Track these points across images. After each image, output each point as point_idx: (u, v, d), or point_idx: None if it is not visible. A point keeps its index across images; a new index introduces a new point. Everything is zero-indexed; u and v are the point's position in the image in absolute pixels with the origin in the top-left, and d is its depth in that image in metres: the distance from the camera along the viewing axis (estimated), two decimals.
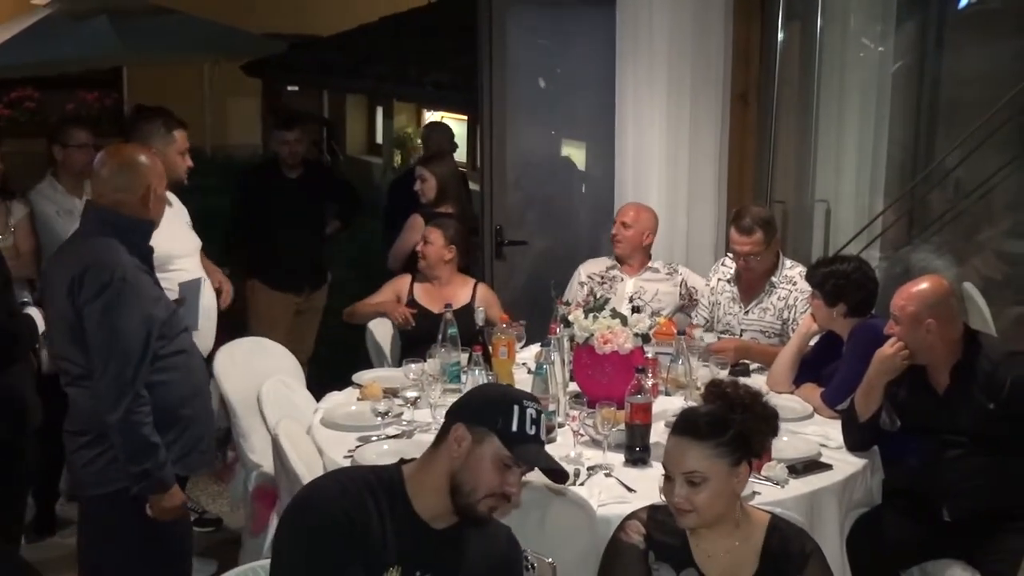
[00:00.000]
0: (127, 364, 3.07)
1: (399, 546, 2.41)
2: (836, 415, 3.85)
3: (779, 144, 5.63)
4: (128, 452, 3.10)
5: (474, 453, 2.42)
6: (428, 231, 4.96)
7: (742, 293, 4.73)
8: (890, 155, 5.69)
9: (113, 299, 3.05)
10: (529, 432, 2.44)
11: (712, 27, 5.41)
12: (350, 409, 3.99)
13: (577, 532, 3.07)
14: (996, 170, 5.44)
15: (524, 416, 2.44)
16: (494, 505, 2.46)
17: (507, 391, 2.58)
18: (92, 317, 3.05)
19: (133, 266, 3.15)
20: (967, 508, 3.46)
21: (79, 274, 3.06)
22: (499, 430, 2.42)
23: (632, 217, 5.08)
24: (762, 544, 2.65)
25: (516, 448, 2.43)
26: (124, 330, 3.07)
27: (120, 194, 3.20)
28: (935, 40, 5.89)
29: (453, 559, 2.49)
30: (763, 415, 2.77)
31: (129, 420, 3.07)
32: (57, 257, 3.31)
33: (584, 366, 3.96)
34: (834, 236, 5.59)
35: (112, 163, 3.25)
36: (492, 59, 5.53)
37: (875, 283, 4.09)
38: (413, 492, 2.46)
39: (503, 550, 2.59)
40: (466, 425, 2.44)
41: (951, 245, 5.61)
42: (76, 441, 3.21)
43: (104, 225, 3.19)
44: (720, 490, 2.59)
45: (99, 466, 3.17)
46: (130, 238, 3.20)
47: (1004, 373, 3.38)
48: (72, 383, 3.20)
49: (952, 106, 5.85)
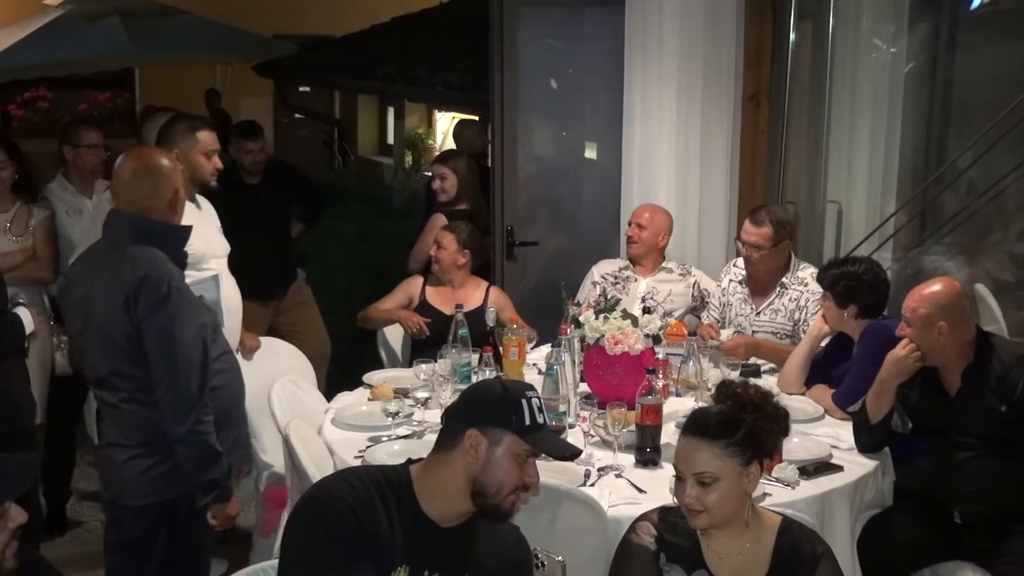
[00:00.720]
0: (191, 375, 3.03)
1: (407, 545, 2.42)
2: (847, 417, 3.84)
3: (791, 145, 5.62)
4: (195, 463, 3.06)
5: (493, 455, 2.44)
6: (441, 235, 4.97)
7: (753, 294, 4.73)
8: (902, 156, 5.67)
9: (172, 312, 3.01)
10: (539, 421, 2.48)
11: (723, 28, 5.39)
12: (361, 409, 4.01)
13: (587, 533, 3.07)
14: (1009, 171, 5.43)
15: (532, 407, 2.47)
16: (517, 499, 2.48)
17: (507, 386, 2.57)
18: (153, 331, 3.01)
19: (178, 274, 3.11)
20: (978, 510, 3.46)
21: (134, 289, 2.99)
22: (514, 427, 2.44)
23: (647, 219, 5.08)
24: (773, 546, 2.65)
25: (532, 439, 2.46)
26: (184, 341, 3.03)
27: (148, 200, 3.15)
28: (947, 41, 5.88)
29: (461, 558, 2.49)
30: (774, 415, 2.76)
31: (196, 431, 3.03)
32: (89, 267, 3.22)
33: (595, 367, 3.97)
34: (846, 237, 5.58)
35: (135, 169, 3.21)
36: (503, 60, 5.54)
37: (887, 285, 4.09)
38: (421, 493, 2.47)
39: (511, 549, 2.59)
40: (479, 429, 2.45)
41: (963, 246, 5.60)
42: (127, 452, 3.14)
43: (138, 233, 3.11)
44: (731, 490, 2.59)
45: (152, 476, 3.12)
46: (168, 245, 3.14)
47: (1016, 376, 3.38)
48: (128, 398, 3.12)
49: (964, 107, 5.84)
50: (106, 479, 3.27)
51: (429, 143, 13.64)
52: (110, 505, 3.28)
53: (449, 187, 5.58)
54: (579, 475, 3.36)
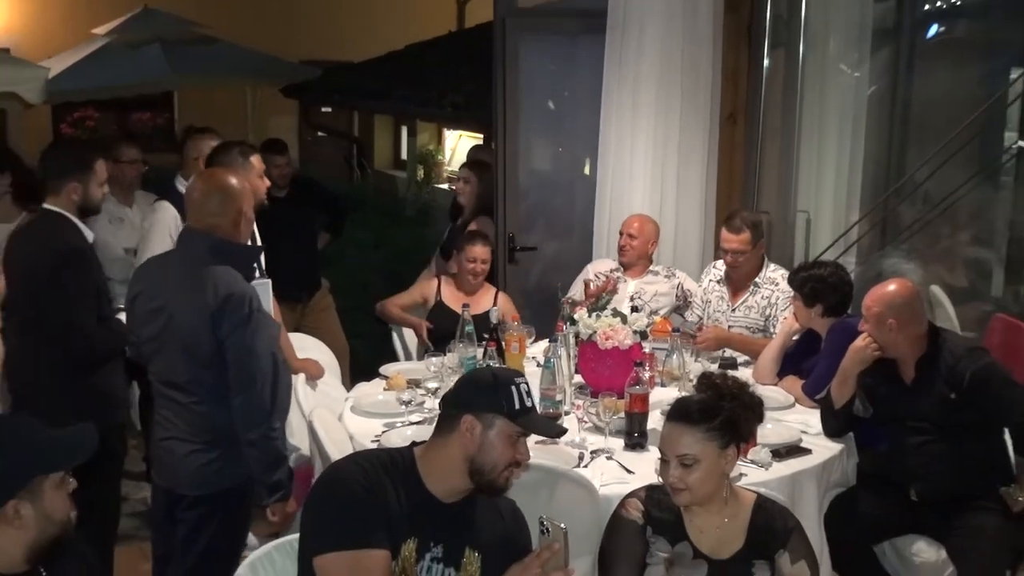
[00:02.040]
0: (265, 385, 2.99)
1: (413, 520, 2.43)
2: (815, 405, 3.85)
3: (765, 159, 5.62)
4: (264, 466, 3.03)
5: (487, 437, 2.45)
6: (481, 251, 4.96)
7: (730, 293, 4.74)
8: (865, 170, 5.68)
9: (252, 329, 2.98)
10: (528, 405, 2.49)
11: (702, 52, 5.37)
12: (377, 398, 4.01)
13: (581, 509, 3.08)
14: (960, 184, 5.44)
15: (520, 392, 2.48)
16: (510, 475, 2.50)
17: (496, 374, 2.58)
18: (235, 347, 2.97)
19: (254, 292, 3.06)
20: (932, 489, 3.47)
21: (218, 308, 2.96)
22: (506, 412, 2.45)
23: (637, 228, 5.07)
24: (749, 520, 2.67)
25: (523, 421, 2.48)
26: (261, 354, 2.99)
27: (214, 218, 3.08)
28: (906, 66, 5.90)
29: (463, 531, 2.50)
30: (749, 403, 2.78)
31: (267, 437, 3.00)
32: (163, 280, 3.14)
33: (588, 360, 3.98)
34: (814, 243, 5.58)
35: (205, 188, 3.15)
36: (506, 83, 5.54)
37: (850, 286, 4.09)
38: (424, 472, 2.48)
39: (508, 522, 2.60)
40: (474, 415, 2.46)
41: (920, 252, 5.61)
42: (190, 446, 3.10)
43: (216, 253, 3.06)
44: (710, 470, 2.61)
45: (211, 470, 3.09)
46: (242, 264, 3.11)
47: (964, 367, 3.38)
48: (204, 402, 3.07)
49: (921, 126, 5.85)
50: (164, 468, 3.21)
51: (439, 158, 13.65)
52: (165, 492, 3.24)
53: (468, 191, 5.64)
54: (574, 457, 3.37)
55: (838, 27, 5.63)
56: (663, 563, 2.66)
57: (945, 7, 6.20)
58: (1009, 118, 5.62)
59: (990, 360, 3.44)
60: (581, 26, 5.71)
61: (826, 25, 5.59)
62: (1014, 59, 5.67)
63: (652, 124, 5.40)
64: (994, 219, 5.87)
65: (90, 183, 3.73)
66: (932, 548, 3.46)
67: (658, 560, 2.66)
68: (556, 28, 5.88)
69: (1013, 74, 5.63)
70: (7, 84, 6.45)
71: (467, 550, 2.50)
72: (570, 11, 6.02)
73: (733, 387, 2.79)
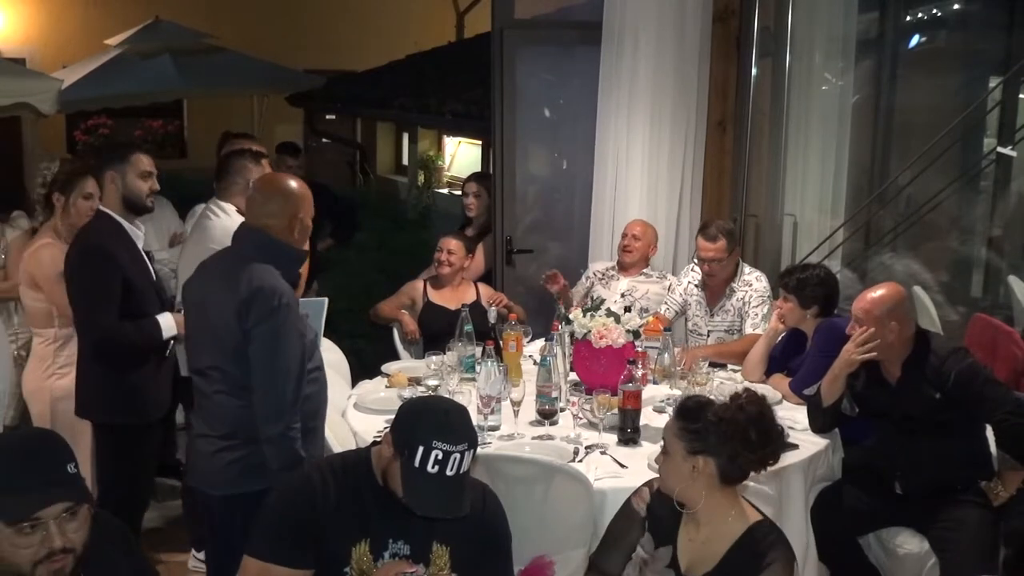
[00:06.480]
0: (288, 382, 2.89)
1: (367, 519, 2.40)
2: (802, 401, 3.84)
3: (753, 165, 5.61)
4: (280, 463, 2.91)
5: (392, 464, 2.39)
6: (451, 243, 4.98)
7: (708, 299, 4.72)
8: (849, 175, 5.67)
9: (279, 324, 2.88)
10: (431, 470, 2.31)
11: (692, 65, 5.40)
12: (379, 395, 4.00)
13: (576, 501, 3.07)
14: (941, 189, 5.44)
15: (428, 456, 2.30)
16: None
17: (430, 422, 2.36)
18: (259, 339, 2.87)
19: (289, 291, 2.98)
20: (916, 483, 3.45)
21: (247, 298, 2.86)
22: (403, 460, 2.34)
23: (640, 231, 5.08)
24: (733, 543, 2.52)
25: (408, 482, 2.33)
26: (286, 351, 2.90)
27: (268, 219, 2.99)
28: (889, 75, 5.90)
29: (427, 526, 2.43)
30: (742, 436, 2.49)
31: (286, 435, 2.90)
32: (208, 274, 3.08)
33: (583, 358, 3.96)
34: (800, 246, 5.57)
35: (264, 189, 3.09)
36: (503, 92, 5.54)
37: (838, 287, 4.08)
38: (379, 468, 2.45)
39: (478, 508, 2.48)
40: (392, 436, 2.40)
41: (902, 254, 5.61)
42: (215, 444, 2.99)
43: (260, 250, 2.97)
44: (675, 467, 2.54)
45: (238, 470, 2.98)
46: (285, 265, 3.02)
47: (950, 367, 3.36)
48: (223, 392, 2.97)
49: (904, 132, 5.85)
50: (193, 467, 3.14)
51: (439, 164, 13.64)
52: (192, 490, 3.20)
53: (477, 205, 5.57)
54: (569, 452, 3.36)
55: (823, 38, 5.63)
56: (639, 561, 2.61)
57: (926, 19, 6.21)
58: (988, 125, 5.63)
59: (972, 360, 3.41)
60: (577, 37, 5.70)
61: (812, 36, 5.58)
62: (992, 68, 5.68)
63: (646, 131, 5.42)
64: (974, 222, 5.87)
65: (127, 173, 3.69)
66: (915, 540, 3.44)
67: (638, 556, 2.62)
68: (552, 39, 5.87)
69: (991, 83, 5.64)
70: (21, 95, 6.43)
71: (435, 544, 2.45)
72: (566, 23, 6.05)
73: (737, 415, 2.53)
